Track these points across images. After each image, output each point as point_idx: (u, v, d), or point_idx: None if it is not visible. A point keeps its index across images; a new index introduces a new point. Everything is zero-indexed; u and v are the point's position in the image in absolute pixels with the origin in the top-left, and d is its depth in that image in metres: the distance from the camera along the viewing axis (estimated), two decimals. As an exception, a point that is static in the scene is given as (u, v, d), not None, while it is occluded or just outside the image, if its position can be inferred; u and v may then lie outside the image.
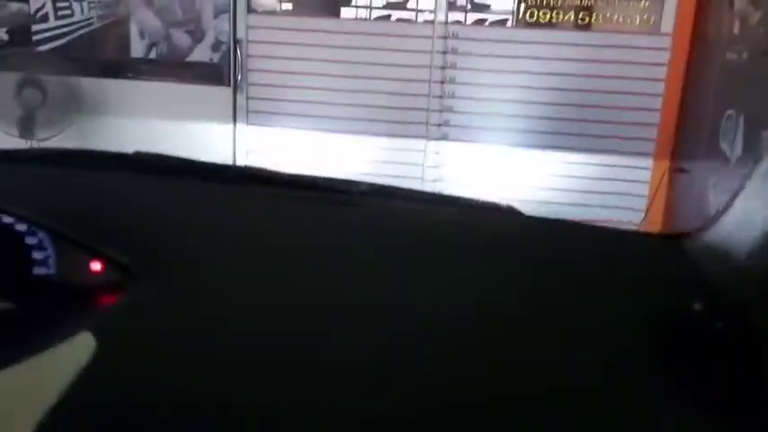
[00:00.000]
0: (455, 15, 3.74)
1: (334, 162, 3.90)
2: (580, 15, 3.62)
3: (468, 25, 3.73)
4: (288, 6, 3.87)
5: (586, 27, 3.63)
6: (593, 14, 3.61)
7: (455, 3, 3.78)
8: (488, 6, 3.78)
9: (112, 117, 3.89)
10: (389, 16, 3.86)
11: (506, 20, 3.76)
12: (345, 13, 3.89)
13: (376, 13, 3.88)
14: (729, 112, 2.91)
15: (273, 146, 3.93)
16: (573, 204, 3.78)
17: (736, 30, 2.92)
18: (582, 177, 3.77)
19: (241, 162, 3.94)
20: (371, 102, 3.80)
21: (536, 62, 3.66)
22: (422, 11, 3.77)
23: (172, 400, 0.71)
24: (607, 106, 3.65)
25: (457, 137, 3.82)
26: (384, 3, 3.94)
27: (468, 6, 3.76)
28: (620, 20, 3.59)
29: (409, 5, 3.90)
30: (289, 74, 3.81)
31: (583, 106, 3.67)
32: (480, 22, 3.82)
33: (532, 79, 3.68)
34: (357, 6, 3.97)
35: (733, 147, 2.83)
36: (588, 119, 3.68)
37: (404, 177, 3.84)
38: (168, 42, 3.77)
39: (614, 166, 3.72)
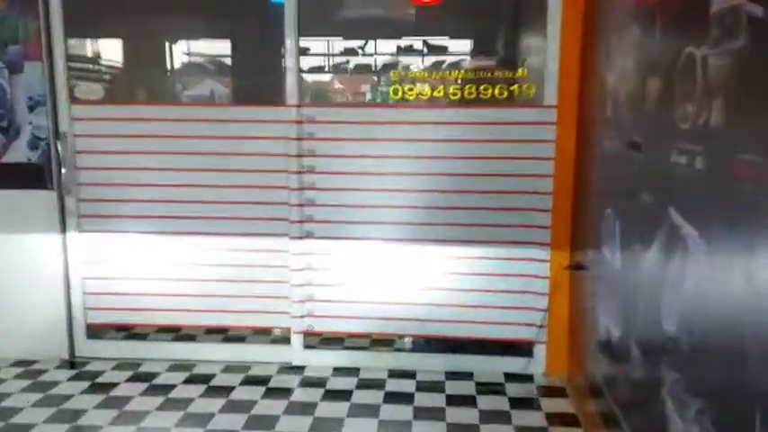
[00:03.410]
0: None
1: (178, 267, 3.33)
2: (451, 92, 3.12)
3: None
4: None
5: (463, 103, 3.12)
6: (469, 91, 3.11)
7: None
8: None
9: None
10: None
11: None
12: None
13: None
14: (607, 210, 2.37)
15: (112, 253, 3.36)
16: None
17: (608, 111, 2.40)
18: (479, 273, 3.21)
19: (76, 276, 3.36)
20: (216, 197, 3.25)
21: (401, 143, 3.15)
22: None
23: None
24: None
25: (322, 233, 3.26)
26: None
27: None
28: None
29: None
30: (124, 170, 3.26)
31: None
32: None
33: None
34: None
35: (613, 253, 2.28)
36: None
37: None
38: (-23, 142, 3.23)
39: (510, 259, 3.17)
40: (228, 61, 3.73)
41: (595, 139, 2.64)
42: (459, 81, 3.10)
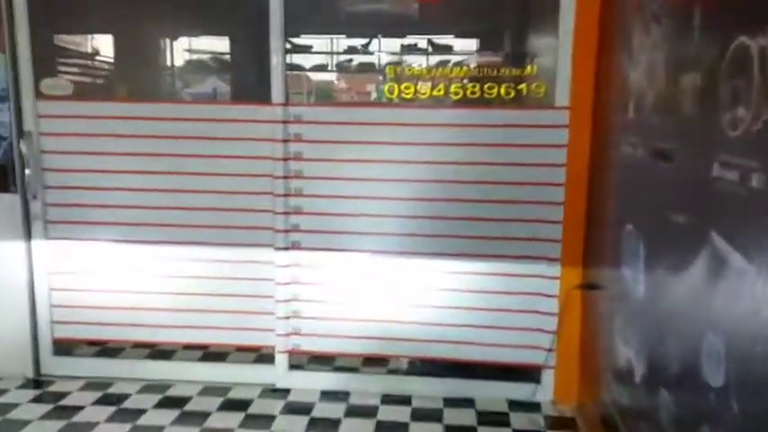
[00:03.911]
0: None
1: (152, 279, 3.06)
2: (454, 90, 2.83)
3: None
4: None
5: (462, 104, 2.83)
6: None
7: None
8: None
9: None
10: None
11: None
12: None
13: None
14: (629, 227, 2.08)
15: (82, 263, 3.08)
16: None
17: (630, 113, 2.11)
18: (482, 291, 2.92)
19: (42, 287, 3.08)
20: (195, 203, 2.98)
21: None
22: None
23: None
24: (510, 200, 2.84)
25: (310, 244, 2.98)
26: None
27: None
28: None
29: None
30: (96, 172, 2.99)
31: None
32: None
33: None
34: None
35: (636, 277, 1.99)
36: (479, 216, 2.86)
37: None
38: (-66, 141, 2.95)
39: (515, 275, 2.88)
40: (216, 57, 3.46)
41: (614, 144, 2.35)
42: (462, 79, 2.81)
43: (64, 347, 3.16)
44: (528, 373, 2.95)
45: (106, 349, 3.25)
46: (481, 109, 2.80)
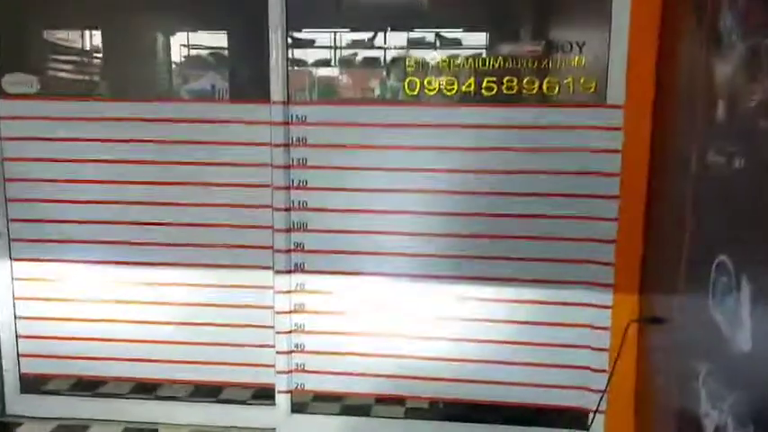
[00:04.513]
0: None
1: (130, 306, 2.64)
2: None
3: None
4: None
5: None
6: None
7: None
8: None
9: None
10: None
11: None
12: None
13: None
14: (721, 258, 1.64)
15: (53, 288, 2.67)
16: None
17: (720, 114, 1.67)
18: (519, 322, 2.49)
19: (6, 315, 2.67)
20: (182, 218, 2.56)
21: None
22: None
23: None
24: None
25: (316, 266, 2.55)
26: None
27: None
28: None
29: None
30: (68, 182, 2.57)
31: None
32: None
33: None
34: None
35: (734, 323, 1.55)
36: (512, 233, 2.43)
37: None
38: None
39: (559, 303, 2.45)
40: (213, 51, 3.03)
41: (691, 153, 1.91)
42: (495, 72, 2.37)
43: (33, 384, 2.75)
44: (573, 419, 2.51)
45: (81, 386, 2.83)
46: (518, 107, 2.36)
